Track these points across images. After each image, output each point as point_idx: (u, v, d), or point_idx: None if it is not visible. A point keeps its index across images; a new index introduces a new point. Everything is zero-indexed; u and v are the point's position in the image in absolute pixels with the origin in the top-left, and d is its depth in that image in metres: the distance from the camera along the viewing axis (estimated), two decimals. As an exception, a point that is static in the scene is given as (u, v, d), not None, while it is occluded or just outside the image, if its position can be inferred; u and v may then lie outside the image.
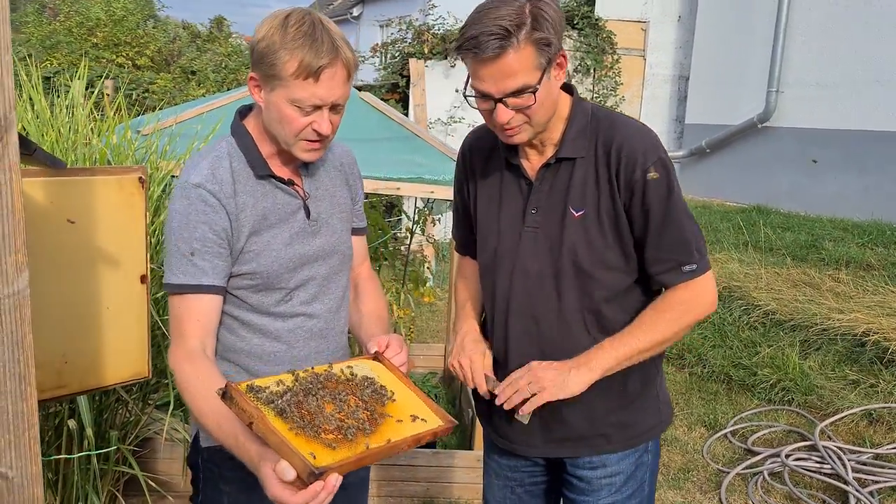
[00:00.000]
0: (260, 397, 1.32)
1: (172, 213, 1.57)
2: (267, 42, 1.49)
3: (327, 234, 1.73)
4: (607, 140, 1.62)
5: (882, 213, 6.64)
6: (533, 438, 1.79)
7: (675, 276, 1.63)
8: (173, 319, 1.57)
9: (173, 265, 1.56)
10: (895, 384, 3.87)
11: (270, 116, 1.56)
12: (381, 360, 1.58)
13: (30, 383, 1.23)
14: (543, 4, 1.49)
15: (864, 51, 7.32)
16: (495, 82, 1.50)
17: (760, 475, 3.61)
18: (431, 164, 3.48)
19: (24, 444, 1.24)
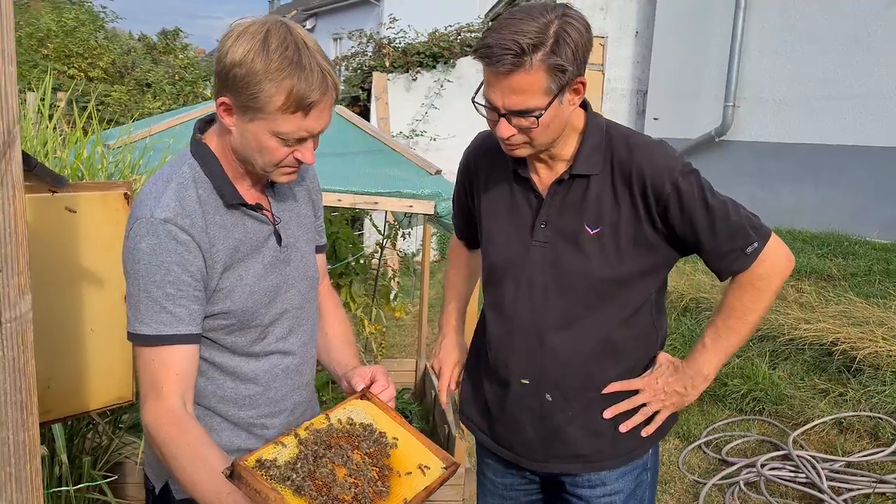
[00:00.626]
0: (272, 475, 1.24)
1: (137, 252, 1.37)
2: (247, 69, 1.31)
3: (297, 259, 1.62)
4: (625, 160, 1.59)
5: (838, 225, 6.82)
6: (535, 452, 1.77)
7: (744, 262, 1.61)
8: (146, 373, 1.39)
9: (142, 312, 1.38)
10: (863, 392, 3.95)
11: (246, 144, 1.40)
12: (369, 399, 1.51)
13: (31, 412, 1.17)
14: (571, 26, 1.45)
15: (816, 67, 7.53)
16: (502, 96, 1.48)
17: (737, 485, 3.64)
18: (409, 178, 3.44)
19: (26, 476, 1.17)
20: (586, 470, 1.76)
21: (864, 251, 6.00)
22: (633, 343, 1.70)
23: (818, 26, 7.49)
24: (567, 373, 1.67)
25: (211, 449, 1.33)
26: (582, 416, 1.71)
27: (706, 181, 1.61)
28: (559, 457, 1.76)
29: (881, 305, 4.65)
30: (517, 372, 1.72)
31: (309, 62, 1.34)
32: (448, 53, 9.69)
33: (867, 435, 3.81)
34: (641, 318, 1.69)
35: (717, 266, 1.64)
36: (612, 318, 1.66)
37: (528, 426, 1.75)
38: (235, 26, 1.37)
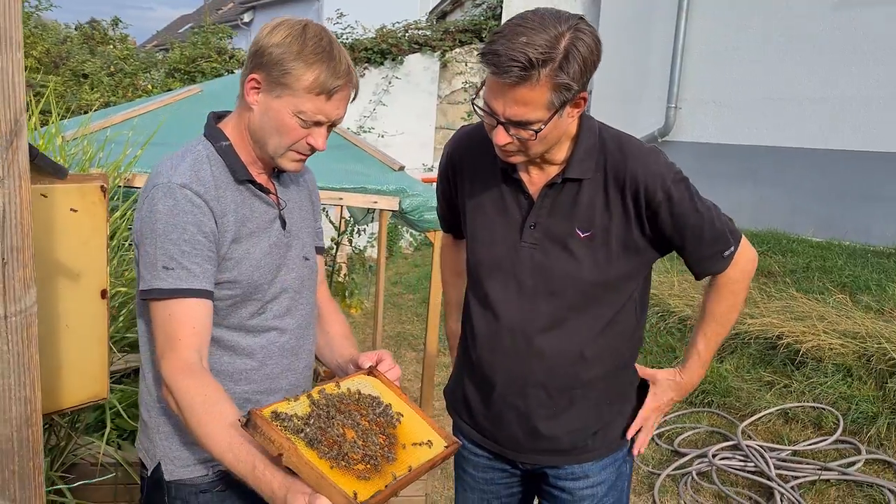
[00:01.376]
0: (287, 426, 1.26)
1: (154, 213, 1.47)
2: (284, 49, 1.46)
3: (298, 246, 1.70)
4: (619, 166, 1.61)
5: (776, 224, 7.07)
6: (521, 446, 1.81)
7: (721, 264, 1.71)
8: (161, 329, 1.46)
9: (159, 269, 1.45)
10: (807, 384, 4.12)
11: (266, 122, 1.51)
12: (376, 376, 1.55)
13: (35, 408, 1.15)
14: (581, 41, 1.44)
15: (755, 70, 7.78)
16: (504, 106, 1.47)
17: (689, 475, 3.76)
18: (373, 174, 3.44)
19: (29, 473, 1.15)
20: (570, 462, 1.80)
21: (802, 248, 6.24)
22: (618, 341, 1.74)
23: (758, 30, 7.75)
24: (553, 373, 1.70)
25: (226, 402, 1.36)
26: (566, 412, 1.75)
27: (694, 188, 1.65)
28: (544, 451, 1.79)
29: (820, 300, 4.85)
30: (503, 371, 1.74)
31: (339, 54, 1.49)
32: (396, 50, 9.68)
33: (811, 424, 3.97)
34: (626, 317, 1.73)
35: (698, 268, 1.71)
36: (598, 319, 1.69)
37: (513, 423, 1.78)
38: (276, 19, 1.52)
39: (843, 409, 3.91)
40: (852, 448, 3.75)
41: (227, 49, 10.57)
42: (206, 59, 9.78)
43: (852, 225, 6.76)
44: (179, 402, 1.38)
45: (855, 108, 6.88)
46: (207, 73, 9.54)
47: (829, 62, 7.10)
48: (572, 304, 1.67)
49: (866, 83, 6.81)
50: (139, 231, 1.52)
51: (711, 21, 8.26)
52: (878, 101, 6.71)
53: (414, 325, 6.45)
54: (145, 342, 1.64)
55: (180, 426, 1.58)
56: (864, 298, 4.80)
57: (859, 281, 5.20)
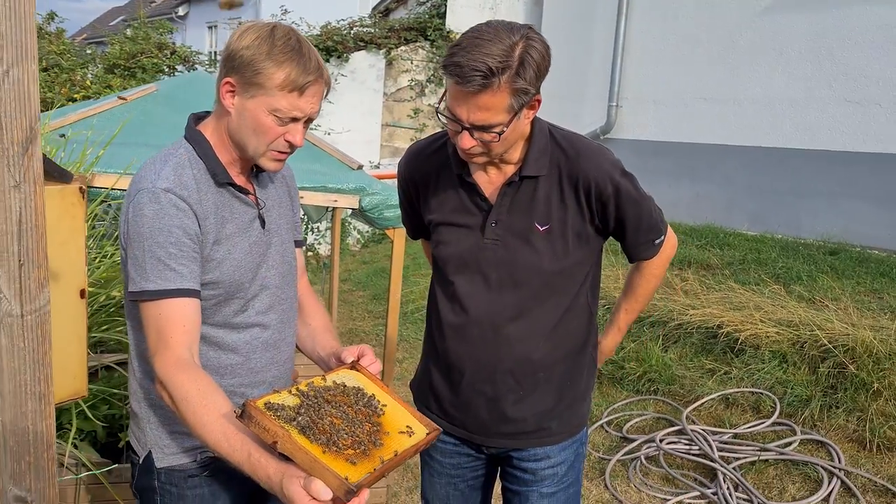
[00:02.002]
0: (280, 415, 1.33)
1: (140, 218, 1.52)
2: (253, 51, 1.51)
3: (278, 243, 1.76)
4: (572, 164, 1.75)
5: (713, 218, 7.37)
6: (488, 430, 1.91)
7: (652, 251, 1.92)
8: (152, 328, 1.51)
9: (147, 271, 1.50)
10: (746, 370, 4.34)
11: (243, 124, 1.57)
12: (359, 370, 1.62)
13: (49, 402, 1.21)
14: (533, 48, 1.57)
15: (692, 70, 8.08)
16: (468, 112, 1.59)
17: (638, 460, 3.93)
18: (332, 173, 3.50)
19: (43, 465, 1.21)
20: (534, 445, 1.91)
21: (738, 242, 6.53)
22: (575, 324, 1.87)
23: (694, 32, 8.05)
24: (520, 359, 1.82)
25: (218, 394, 1.41)
26: (531, 395, 1.86)
27: (636, 180, 1.82)
28: (510, 434, 1.90)
29: (756, 291, 5.11)
30: (472, 360, 1.85)
31: (308, 52, 1.54)
32: (342, 48, 9.69)
33: (750, 408, 4.20)
34: (580, 301, 1.86)
35: (633, 252, 1.91)
36: (558, 307, 1.82)
37: (481, 409, 1.88)
38: (245, 24, 1.58)
39: (779, 394, 4.15)
40: (788, 429, 3.98)
41: (168, 44, 10.39)
42: (146, 54, 9.60)
43: (784, 219, 7.11)
44: (174, 396, 1.43)
45: (783, 108, 7.23)
46: (148, 68, 9.38)
47: (758, 65, 7.44)
48: (535, 294, 1.79)
49: (793, 84, 7.16)
50: (126, 234, 1.56)
51: (650, 23, 8.53)
52: (804, 102, 7.06)
53: (365, 322, 6.51)
54: (133, 339, 1.68)
55: (168, 417, 1.64)
56: (797, 289, 5.08)
57: (792, 272, 5.49)
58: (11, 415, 1.15)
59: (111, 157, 2.98)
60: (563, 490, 1.95)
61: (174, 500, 1.69)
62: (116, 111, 3.42)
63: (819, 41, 6.96)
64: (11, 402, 1.15)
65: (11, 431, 1.16)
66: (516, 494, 1.97)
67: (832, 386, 4.05)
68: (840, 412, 3.92)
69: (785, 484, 3.61)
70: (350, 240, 9.36)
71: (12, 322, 1.13)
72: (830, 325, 4.29)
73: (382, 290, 7.27)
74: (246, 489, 1.74)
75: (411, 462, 3.99)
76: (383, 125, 10.47)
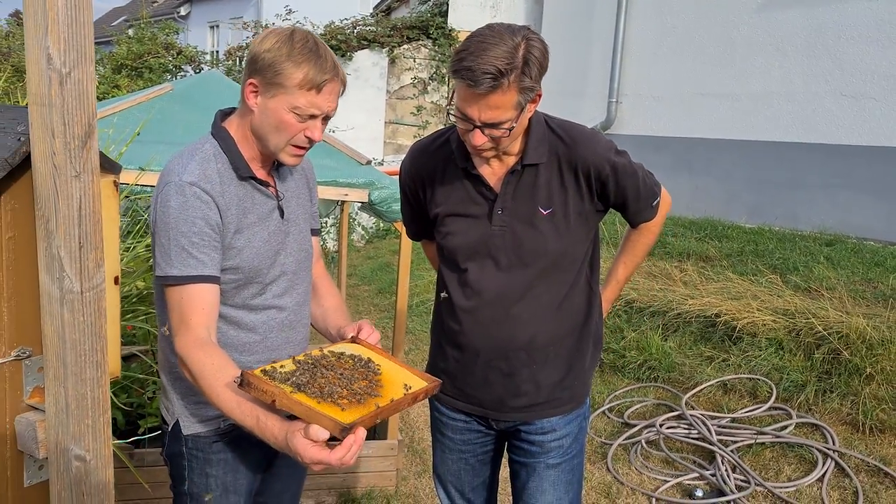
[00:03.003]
0: (275, 377, 1.45)
1: (167, 209, 1.65)
2: (274, 54, 1.64)
3: (296, 232, 1.89)
4: (569, 150, 1.89)
5: (711, 211, 7.49)
6: (503, 405, 2.04)
7: (652, 212, 2.07)
8: (174, 310, 1.66)
9: (172, 258, 1.64)
10: (743, 357, 4.47)
11: (265, 121, 1.69)
12: (358, 342, 1.75)
13: (105, 371, 1.34)
14: (534, 47, 1.70)
15: (690, 66, 8.21)
16: (479, 111, 1.72)
17: (639, 444, 4.06)
18: (341, 168, 3.63)
19: (100, 428, 1.34)
20: (544, 416, 2.04)
21: (736, 234, 6.65)
22: (579, 300, 2.00)
23: (692, 28, 8.17)
24: (531, 334, 1.95)
25: (231, 367, 1.55)
26: (543, 370, 2.00)
27: (627, 154, 1.95)
28: (522, 407, 2.03)
29: (754, 281, 5.23)
30: (487, 339, 1.97)
31: (324, 53, 1.67)
32: (345, 46, 9.82)
33: (747, 394, 4.32)
34: (582, 277, 2.00)
35: (636, 218, 2.06)
36: (563, 284, 1.95)
37: (497, 385, 2.01)
38: (266, 29, 1.72)
39: (775, 379, 4.27)
40: (784, 413, 4.11)
41: (175, 44, 10.52)
42: (153, 55, 9.73)
43: (781, 211, 7.23)
44: (193, 371, 1.58)
45: (780, 102, 7.35)
46: (155, 68, 9.51)
47: (755, 60, 7.56)
48: (542, 273, 1.92)
49: (790, 79, 7.27)
50: (154, 223, 1.71)
51: (648, 20, 8.65)
52: (801, 96, 7.18)
53: (371, 315, 6.64)
54: (160, 317, 1.83)
55: (192, 389, 1.78)
56: (794, 278, 5.20)
57: (788, 263, 5.62)
58: (73, 381, 1.29)
59: (131, 154, 3.11)
60: (568, 461, 2.08)
61: (201, 464, 1.84)
62: (134, 110, 3.55)
63: (815, 36, 7.07)
64: (73, 370, 1.28)
65: (73, 396, 1.29)
66: (524, 466, 2.10)
67: (827, 371, 4.18)
68: (834, 396, 4.04)
69: (781, 465, 3.74)
70: (354, 236, 9.49)
71: (73, 298, 1.27)
72: (825, 313, 4.41)
73: (387, 284, 7.40)
74: (264, 454, 1.90)
75: (419, 447, 4.12)
76: (387, 122, 10.60)
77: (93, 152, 1.27)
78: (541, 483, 2.07)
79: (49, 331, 1.29)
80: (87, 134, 1.26)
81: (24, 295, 1.33)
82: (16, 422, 1.35)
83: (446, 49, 10.57)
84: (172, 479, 1.91)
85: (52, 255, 1.25)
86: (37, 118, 1.23)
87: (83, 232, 1.27)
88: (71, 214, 1.25)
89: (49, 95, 1.20)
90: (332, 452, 1.33)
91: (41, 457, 1.34)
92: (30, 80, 1.23)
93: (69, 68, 1.21)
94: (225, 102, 2.00)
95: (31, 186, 1.30)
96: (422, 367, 2.09)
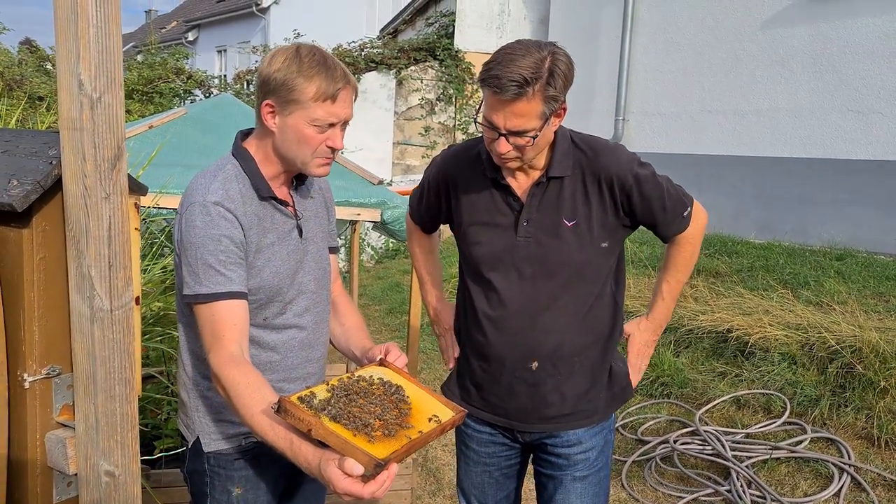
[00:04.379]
0: (312, 406, 1.45)
1: (192, 228, 1.68)
2: (284, 72, 1.66)
3: (314, 251, 1.91)
4: (593, 163, 1.92)
5: (720, 227, 7.50)
6: (529, 416, 2.05)
7: (684, 223, 2.03)
8: (206, 328, 1.66)
9: (200, 276, 1.66)
10: (756, 372, 4.47)
11: (286, 139, 1.72)
12: (387, 365, 1.75)
13: (133, 388, 1.36)
14: (560, 60, 1.75)
15: (695, 83, 8.26)
16: (504, 119, 1.77)
17: (653, 460, 4.06)
18: (354, 188, 3.67)
19: (128, 444, 1.37)
20: (569, 428, 2.05)
21: (745, 250, 6.66)
22: (603, 312, 2.01)
23: (697, 46, 8.23)
24: (556, 345, 1.97)
25: (266, 388, 1.56)
26: (568, 380, 2.01)
27: (651, 166, 1.97)
28: (549, 418, 2.04)
29: (765, 297, 5.23)
30: (512, 348, 1.99)
31: (333, 63, 1.69)
32: (353, 69, 9.92)
33: (761, 409, 4.32)
34: (607, 290, 2.02)
35: (666, 231, 2.03)
36: (588, 295, 1.98)
37: (522, 395, 2.02)
38: (271, 50, 1.74)
39: (789, 394, 4.27)
40: (799, 428, 4.10)
41: (185, 69, 10.65)
42: (163, 79, 9.85)
43: (790, 227, 7.24)
44: (227, 389, 1.58)
45: (787, 118, 7.38)
46: (165, 93, 9.62)
47: (761, 77, 7.60)
48: (566, 283, 1.95)
49: (796, 95, 7.31)
50: (180, 243, 1.73)
51: (653, 38, 8.72)
52: (808, 112, 7.21)
53: (382, 336, 6.66)
54: (184, 336, 1.85)
55: (213, 406, 1.81)
56: (805, 293, 5.20)
57: (799, 277, 5.62)
58: (102, 398, 1.31)
59: (147, 177, 3.15)
60: (595, 474, 2.09)
61: (222, 481, 1.85)
62: (149, 134, 3.61)
63: (820, 52, 7.12)
64: (102, 387, 1.31)
65: (102, 413, 1.31)
66: (551, 479, 2.11)
67: (840, 385, 4.17)
68: (849, 410, 4.04)
69: (797, 481, 3.73)
70: (364, 256, 9.54)
71: (103, 316, 1.29)
72: (838, 327, 4.41)
73: (397, 303, 7.42)
74: (285, 470, 1.91)
75: (433, 465, 4.13)
76: (395, 143, 10.68)
77: (122, 174, 1.30)
78: (567, 496, 2.08)
79: (79, 349, 1.32)
80: (116, 156, 1.29)
81: (54, 314, 1.36)
82: (46, 439, 1.37)
83: (453, 70, 10.67)
84: (193, 497, 1.92)
85: (83, 274, 1.29)
86: (68, 142, 1.27)
87: (112, 252, 1.30)
88: (101, 235, 1.28)
89: (80, 120, 1.24)
90: (365, 486, 1.32)
91: (71, 473, 1.36)
92: (61, 105, 1.27)
93: (99, 93, 1.25)
94: (239, 125, 2.03)
95: (61, 208, 1.33)
96: (435, 385, 2.10)
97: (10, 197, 1.26)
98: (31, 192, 1.27)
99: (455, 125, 10.81)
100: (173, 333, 3.31)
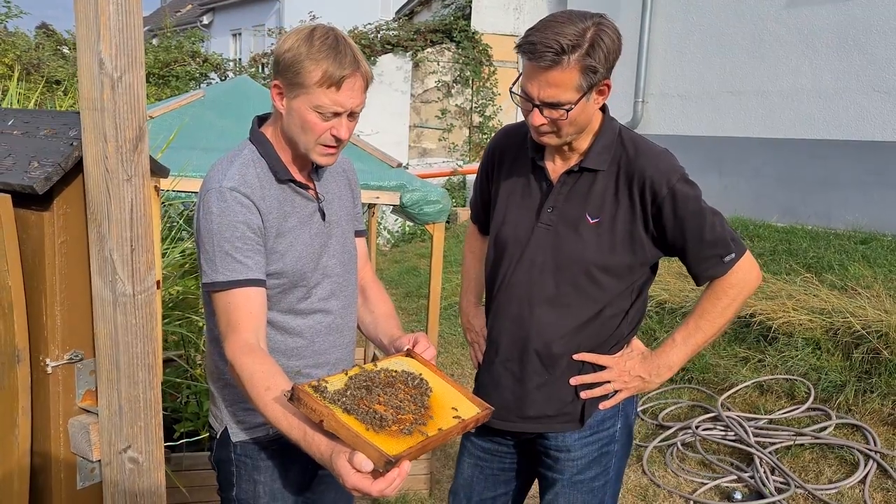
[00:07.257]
0: (326, 396, 1.40)
1: (209, 215, 1.65)
2: (293, 53, 1.62)
3: (339, 234, 1.87)
4: (631, 163, 1.79)
5: (741, 210, 7.40)
6: (509, 413, 1.95)
7: (721, 268, 1.81)
8: (222, 316, 1.64)
9: (217, 264, 1.63)
10: (779, 358, 4.41)
11: (292, 122, 1.68)
12: (413, 356, 1.69)
13: (156, 374, 1.34)
14: (605, 33, 1.65)
15: (717, 65, 8.12)
16: (538, 88, 1.68)
17: (675, 446, 4.02)
18: (373, 171, 3.63)
19: (152, 429, 1.35)
20: (554, 430, 1.95)
21: (768, 234, 6.57)
22: (604, 329, 1.88)
23: (719, 26, 8.08)
24: (548, 343, 1.88)
25: (280, 376, 1.53)
26: (555, 382, 1.91)
27: (700, 191, 1.80)
28: (528, 418, 1.95)
29: (788, 281, 5.16)
30: (506, 335, 1.93)
31: (344, 49, 1.63)
32: (369, 51, 9.86)
33: (784, 395, 4.26)
34: (617, 307, 1.88)
35: (697, 269, 1.83)
36: (596, 301, 1.85)
37: (506, 389, 1.94)
38: (291, 29, 1.71)
39: (813, 380, 4.21)
40: (823, 414, 4.05)
41: (201, 52, 10.62)
42: (179, 63, 9.84)
43: (813, 210, 7.13)
44: (241, 377, 1.55)
45: (811, 99, 7.25)
46: (181, 76, 9.61)
47: (785, 57, 7.46)
48: (574, 282, 1.84)
49: (820, 76, 7.17)
50: (198, 231, 1.70)
51: (674, 18, 8.58)
52: (832, 93, 7.08)
53: (399, 319, 6.64)
54: (209, 324, 1.82)
55: (240, 396, 1.77)
56: (829, 277, 5.12)
57: (823, 261, 5.53)
58: (126, 384, 1.29)
59: (165, 160, 3.11)
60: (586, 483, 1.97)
61: (249, 470, 1.83)
62: (167, 116, 3.58)
63: (845, 32, 6.97)
64: (126, 373, 1.29)
65: (126, 399, 1.29)
66: (543, 477, 2.04)
67: (866, 371, 4.11)
68: (875, 396, 3.97)
69: (821, 467, 3.68)
70: (380, 240, 9.51)
71: (126, 301, 1.27)
72: (863, 311, 4.34)
73: (414, 287, 7.40)
74: (311, 462, 1.87)
75: (452, 450, 4.11)
76: (411, 126, 10.61)
77: (143, 156, 1.27)
78: (556, 499, 1.99)
79: (102, 334, 1.29)
80: (137, 137, 1.26)
81: (76, 298, 1.34)
82: (69, 425, 1.35)
83: (470, 52, 10.56)
84: (220, 486, 1.90)
85: (105, 258, 1.26)
86: (89, 123, 1.24)
87: (135, 235, 1.27)
88: (123, 218, 1.26)
89: (101, 100, 1.21)
90: (374, 483, 1.28)
91: (94, 459, 1.35)
92: (81, 85, 1.24)
93: (120, 72, 1.22)
94: (256, 108, 1.99)
95: (82, 191, 1.30)
96: (450, 370, 2.05)
97: (30, 179, 1.24)
98: (53, 174, 1.25)
99: (472, 107, 10.72)
100: (192, 317, 3.30)
